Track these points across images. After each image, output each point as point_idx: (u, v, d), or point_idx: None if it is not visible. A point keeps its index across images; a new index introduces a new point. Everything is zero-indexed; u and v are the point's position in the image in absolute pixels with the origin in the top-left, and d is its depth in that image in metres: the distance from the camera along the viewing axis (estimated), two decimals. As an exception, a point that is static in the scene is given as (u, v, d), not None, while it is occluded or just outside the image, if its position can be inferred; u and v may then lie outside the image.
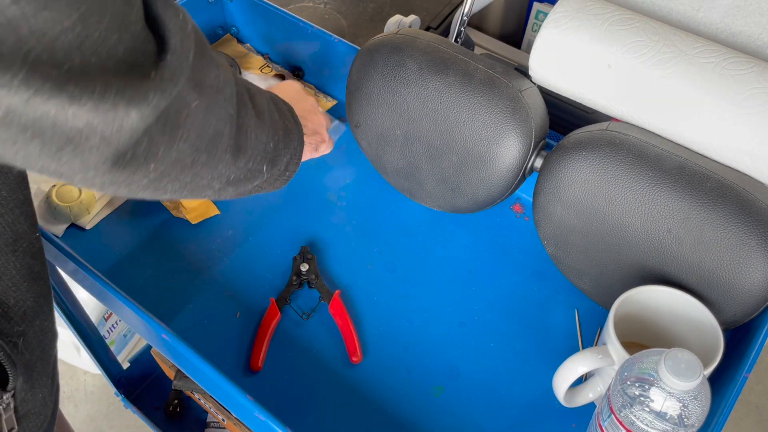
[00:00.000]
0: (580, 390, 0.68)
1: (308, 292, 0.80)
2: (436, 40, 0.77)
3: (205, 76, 0.43)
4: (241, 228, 0.85)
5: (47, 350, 0.58)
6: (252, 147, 0.52)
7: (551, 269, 0.81)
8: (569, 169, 0.69)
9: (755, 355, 0.65)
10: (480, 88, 0.73)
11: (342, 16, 1.22)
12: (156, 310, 0.76)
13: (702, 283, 0.65)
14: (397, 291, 0.80)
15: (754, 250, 0.62)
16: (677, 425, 0.52)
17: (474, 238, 0.85)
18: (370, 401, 0.71)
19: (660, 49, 0.68)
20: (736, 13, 0.73)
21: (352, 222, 0.87)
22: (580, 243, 0.72)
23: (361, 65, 0.80)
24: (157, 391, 1.26)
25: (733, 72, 0.65)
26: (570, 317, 0.78)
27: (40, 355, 0.56)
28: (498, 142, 0.73)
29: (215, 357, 0.71)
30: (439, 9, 1.12)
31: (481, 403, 0.71)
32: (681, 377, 0.50)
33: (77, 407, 1.48)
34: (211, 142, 0.45)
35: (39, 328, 0.56)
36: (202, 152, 0.45)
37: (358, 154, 0.92)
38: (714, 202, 0.63)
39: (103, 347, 1.16)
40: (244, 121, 0.50)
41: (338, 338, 0.75)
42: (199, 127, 0.43)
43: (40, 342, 0.56)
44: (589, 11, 0.72)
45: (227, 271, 0.81)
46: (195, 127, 0.42)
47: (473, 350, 0.75)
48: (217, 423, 1.21)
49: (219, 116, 0.45)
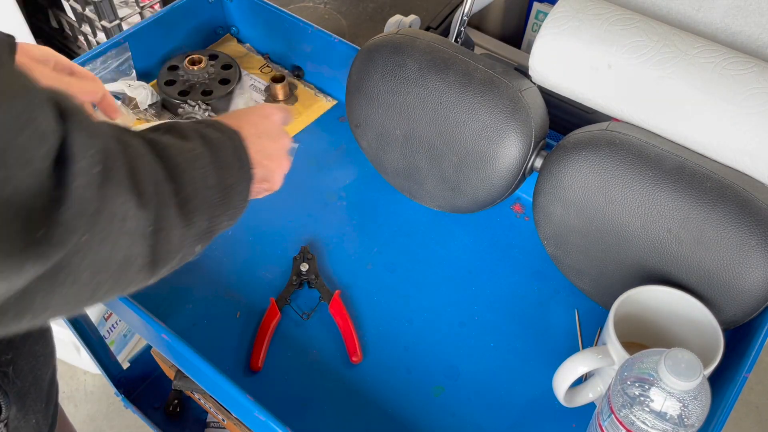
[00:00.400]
0: (580, 390, 0.68)
1: (308, 292, 0.80)
2: (436, 40, 0.77)
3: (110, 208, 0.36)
4: (241, 228, 0.85)
5: (40, 375, 0.57)
6: (176, 250, 0.45)
7: (551, 269, 0.81)
8: (569, 169, 0.69)
9: (755, 355, 0.65)
10: (480, 88, 0.73)
11: (342, 16, 1.22)
12: (156, 310, 0.76)
13: (702, 283, 0.65)
14: (397, 291, 0.80)
15: (754, 249, 0.62)
16: (677, 425, 0.52)
17: (474, 238, 0.85)
18: (370, 401, 0.71)
19: (660, 49, 0.68)
20: (736, 13, 0.73)
21: (352, 222, 0.87)
22: (580, 243, 0.72)
23: (361, 65, 0.80)
24: (157, 391, 1.26)
25: (733, 72, 0.65)
26: (570, 317, 0.78)
27: (32, 381, 0.55)
28: (498, 142, 0.73)
29: (215, 357, 0.71)
30: (439, 9, 1.12)
31: (481, 403, 0.71)
32: (681, 377, 0.50)
33: (77, 407, 1.48)
34: (117, 271, 0.39)
35: (29, 353, 0.54)
36: (103, 284, 0.39)
37: (358, 154, 0.92)
38: (714, 202, 0.63)
39: (103, 347, 1.16)
40: (164, 233, 0.43)
41: (338, 338, 0.75)
42: (97, 265, 0.37)
43: (32, 368, 0.55)
44: (589, 11, 0.72)
45: (227, 271, 0.81)
46: (91, 264, 0.36)
47: (473, 350, 0.75)
48: (217, 423, 1.21)
49: (125, 244, 0.39)
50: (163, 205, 0.42)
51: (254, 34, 1.06)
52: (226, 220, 0.52)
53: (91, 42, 1.42)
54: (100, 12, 1.31)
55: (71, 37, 1.51)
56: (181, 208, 0.44)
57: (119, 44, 0.93)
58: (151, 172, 0.42)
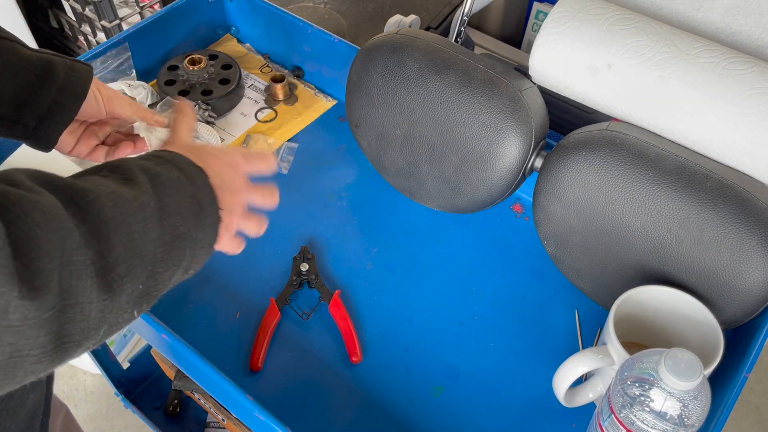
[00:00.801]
0: (580, 390, 0.68)
1: (308, 292, 0.80)
2: (436, 40, 0.77)
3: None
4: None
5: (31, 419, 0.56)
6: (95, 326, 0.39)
7: (551, 269, 0.81)
8: (569, 169, 0.69)
9: (755, 355, 0.65)
10: (480, 88, 0.73)
11: (342, 16, 1.22)
12: (156, 310, 0.76)
13: (702, 283, 0.65)
14: (397, 291, 0.80)
15: (754, 250, 0.62)
16: (677, 425, 0.52)
17: (474, 238, 0.85)
18: (370, 401, 0.71)
19: (660, 49, 0.68)
20: (736, 13, 0.73)
21: (352, 222, 0.87)
22: (580, 243, 0.72)
23: (361, 65, 0.80)
24: (157, 391, 1.26)
25: (733, 72, 0.65)
26: (570, 317, 0.78)
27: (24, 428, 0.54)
28: (498, 142, 0.73)
29: (215, 357, 0.71)
30: (439, 9, 1.12)
31: (481, 403, 0.71)
32: (681, 377, 0.50)
33: (77, 407, 1.48)
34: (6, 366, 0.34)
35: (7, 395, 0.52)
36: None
37: (358, 154, 0.92)
38: (714, 202, 0.63)
39: (103, 347, 1.16)
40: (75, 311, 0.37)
41: (338, 338, 0.75)
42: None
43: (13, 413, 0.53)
44: (589, 11, 0.72)
45: (227, 271, 0.81)
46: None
47: (473, 350, 0.75)
48: (217, 423, 1.21)
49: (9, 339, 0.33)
50: (74, 280, 0.37)
51: (254, 34, 1.06)
52: (178, 275, 0.47)
53: (91, 42, 1.42)
54: (100, 12, 1.31)
55: (71, 37, 1.51)
56: (104, 277, 0.38)
57: (119, 44, 0.93)
58: (55, 241, 0.36)
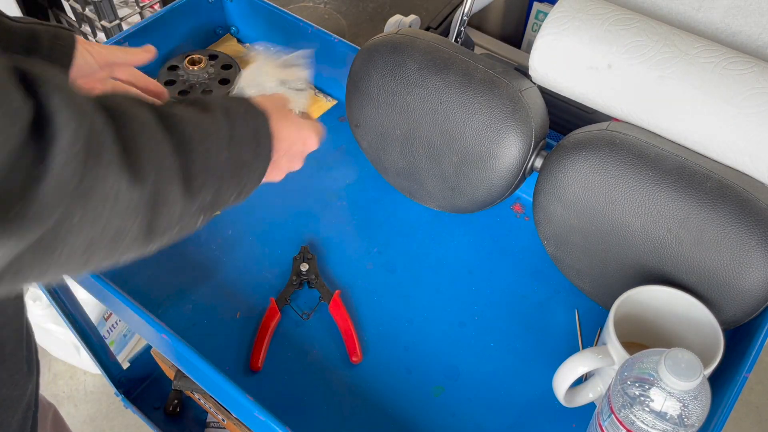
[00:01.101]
0: (580, 390, 0.68)
1: (308, 292, 0.80)
2: (436, 40, 0.77)
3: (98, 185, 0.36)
4: (241, 228, 0.85)
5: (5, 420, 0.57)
6: (175, 223, 0.45)
7: (551, 269, 0.81)
8: (569, 169, 0.69)
9: (755, 355, 0.65)
10: (480, 88, 0.73)
11: (342, 16, 1.22)
12: (156, 310, 0.76)
13: (702, 283, 0.65)
14: (397, 291, 0.80)
15: (754, 250, 0.62)
16: (677, 425, 0.52)
17: (474, 238, 0.85)
18: (370, 401, 0.71)
19: (660, 49, 0.68)
20: (736, 13, 0.73)
21: (352, 222, 0.87)
22: (580, 243, 0.72)
23: (361, 65, 0.80)
24: (157, 391, 1.26)
25: (733, 72, 0.65)
26: (570, 317, 0.78)
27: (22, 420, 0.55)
28: (498, 142, 0.73)
29: (215, 357, 0.71)
30: (439, 9, 1.12)
31: (481, 403, 0.71)
32: (681, 377, 0.50)
33: (77, 407, 1.48)
34: (110, 242, 0.39)
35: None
36: (96, 254, 0.39)
37: (358, 154, 0.92)
38: (714, 202, 0.63)
39: (103, 347, 1.16)
40: (163, 208, 0.42)
41: (338, 338, 0.75)
42: (88, 238, 0.37)
43: None
44: (589, 11, 0.72)
45: (227, 271, 0.81)
46: (82, 239, 0.36)
47: (473, 350, 0.75)
48: (217, 423, 1.21)
49: (118, 220, 0.39)
50: (165, 181, 0.42)
51: (254, 34, 1.06)
52: (234, 196, 0.52)
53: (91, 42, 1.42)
54: (100, 12, 1.31)
55: (71, 37, 1.51)
56: (186, 183, 0.44)
57: (119, 44, 0.93)
58: (153, 147, 0.41)
